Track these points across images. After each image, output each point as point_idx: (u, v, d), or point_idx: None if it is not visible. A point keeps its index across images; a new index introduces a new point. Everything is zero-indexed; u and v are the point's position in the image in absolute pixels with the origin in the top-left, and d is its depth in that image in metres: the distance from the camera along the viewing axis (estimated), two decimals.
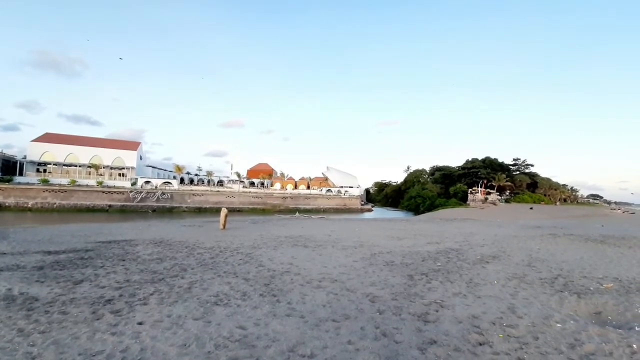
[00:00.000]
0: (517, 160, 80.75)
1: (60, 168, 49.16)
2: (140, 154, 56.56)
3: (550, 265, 8.58)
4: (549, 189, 74.10)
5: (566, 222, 29.65)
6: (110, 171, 51.80)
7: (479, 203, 56.31)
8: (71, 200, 42.42)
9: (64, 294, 5.31)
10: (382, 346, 3.73)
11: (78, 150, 50.55)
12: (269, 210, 49.59)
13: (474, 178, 67.90)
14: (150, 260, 8.23)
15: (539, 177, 76.63)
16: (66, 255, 8.75)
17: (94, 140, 56.54)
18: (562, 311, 5.07)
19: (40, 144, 49.36)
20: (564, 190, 78.04)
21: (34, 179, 44.78)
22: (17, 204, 39.48)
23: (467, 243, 12.84)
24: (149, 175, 55.17)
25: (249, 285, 6.08)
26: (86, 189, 44.37)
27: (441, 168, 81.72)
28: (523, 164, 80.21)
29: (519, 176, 74.76)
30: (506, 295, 5.83)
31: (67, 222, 24.43)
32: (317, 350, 3.57)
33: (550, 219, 34.74)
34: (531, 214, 42.23)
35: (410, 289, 6.09)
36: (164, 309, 4.70)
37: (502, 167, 74.25)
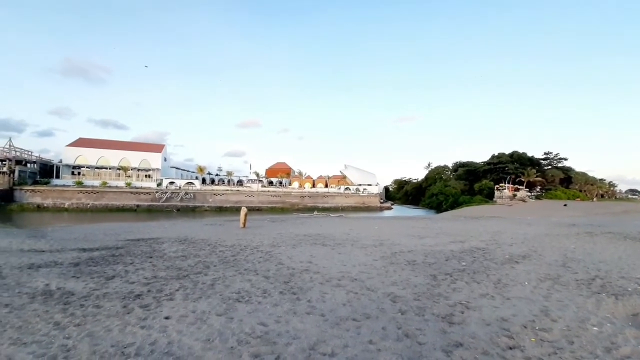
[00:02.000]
0: (548, 154, 76.35)
1: (93, 170, 52.30)
2: (164, 156, 59.02)
3: (587, 266, 8.02)
4: (585, 184, 69.38)
5: (603, 219, 27.63)
6: (138, 173, 54.43)
7: (506, 200, 53.74)
8: (103, 200, 45.04)
9: (97, 288, 5.62)
10: (405, 347, 3.63)
11: (108, 153, 53.54)
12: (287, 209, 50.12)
13: (501, 174, 64.91)
14: (175, 258, 8.54)
15: (573, 171, 71.88)
16: (99, 253, 9.27)
17: (122, 143, 59.68)
18: (598, 314, 4.75)
19: (75, 148, 52.74)
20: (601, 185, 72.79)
21: (69, 181, 47.96)
22: (55, 204, 42.45)
23: (494, 242, 12.28)
24: (173, 176, 57.47)
25: (269, 283, 6.14)
26: (116, 190, 46.94)
27: (465, 164, 78.85)
28: (555, 157, 75.65)
29: (551, 171, 70.52)
30: (539, 297, 5.50)
31: (99, 221, 25.95)
32: (337, 349, 3.53)
33: (586, 216, 32.54)
34: (565, 211, 39.77)
35: (433, 289, 5.90)
36: (188, 305, 4.85)
37: (531, 162, 70.37)
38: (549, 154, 76.30)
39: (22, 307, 4.62)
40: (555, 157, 75.78)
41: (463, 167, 76.57)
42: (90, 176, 51.15)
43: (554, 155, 75.95)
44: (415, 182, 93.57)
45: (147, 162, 55.07)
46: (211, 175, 68.34)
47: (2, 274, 6.48)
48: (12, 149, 44.88)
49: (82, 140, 55.71)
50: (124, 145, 58.61)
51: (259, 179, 65.68)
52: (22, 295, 5.15)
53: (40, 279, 6.21)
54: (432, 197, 66.88)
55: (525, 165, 66.71)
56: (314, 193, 61.00)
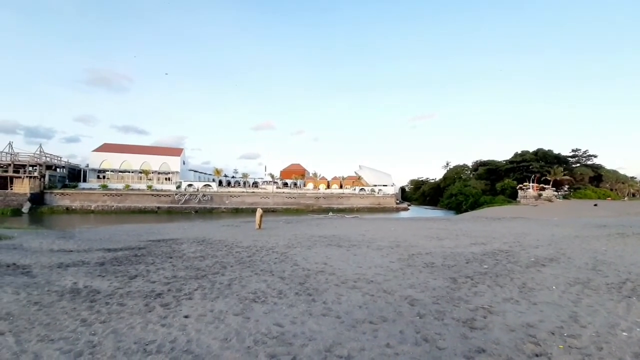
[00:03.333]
0: (576, 151, 72.51)
1: (116, 174, 54.71)
2: (183, 159, 60.89)
3: (618, 269, 7.52)
4: (616, 183, 65.48)
5: (636, 219, 25.87)
6: (158, 176, 56.44)
7: (531, 200, 51.49)
8: (126, 203, 47.01)
9: (121, 287, 5.84)
10: (424, 352, 3.52)
11: (130, 157, 55.88)
12: (302, 210, 50.33)
13: (525, 172, 62.30)
14: (194, 258, 8.76)
15: (603, 169, 67.95)
16: (123, 253, 9.66)
17: (144, 148, 62.15)
18: (629, 318, 4.45)
19: (100, 153, 55.45)
20: (633, 183, 68.45)
21: (95, 184, 50.44)
22: (82, 207, 44.74)
23: (518, 244, 11.77)
24: (191, 178, 59.17)
25: (285, 284, 6.16)
26: (138, 193, 48.88)
27: (485, 163, 76.31)
28: (584, 155, 71.77)
29: (580, 169, 66.97)
30: (567, 303, 5.20)
31: (122, 222, 27.05)
32: (354, 352, 3.48)
33: (617, 216, 30.63)
34: (595, 211, 37.63)
35: (453, 293, 5.71)
36: (207, 304, 4.94)
37: (558, 160, 67.05)
38: (577, 151, 72.55)
39: (51, 305, 4.86)
40: (584, 154, 71.98)
41: (484, 166, 74.11)
42: (114, 180, 53.58)
43: (583, 152, 72.20)
44: (432, 182, 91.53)
45: (166, 165, 57.04)
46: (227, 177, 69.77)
47: (32, 273, 6.86)
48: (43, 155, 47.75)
49: (107, 146, 58.50)
50: (145, 149, 61.01)
51: (274, 180, 66.40)
52: (52, 293, 5.42)
53: (68, 277, 6.52)
54: (451, 198, 65.14)
55: (551, 164, 63.67)
56: (329, 194, 60.94)
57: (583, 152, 72.14)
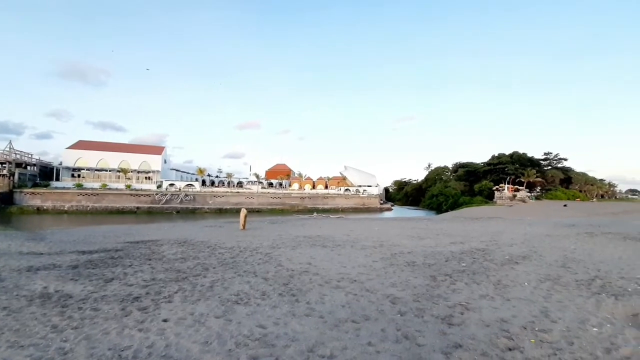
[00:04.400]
0: (548, 154, 76.38)
1: (93, 173, 52.34)
2: (164, 158, 59.05)
3: (587, 266, 8.00)
4: (585, 185, 69.43)
5: (603, 219, 27.60)
6: (138, 175, 54.44)
7: (506, 200, 53.71)
8: (102, 203, 45.01)
9: (95, 291, 5.60)
10: (404, 349, 3.61)
11: (108, 155, 53.59)
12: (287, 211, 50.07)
13: (501, 174, 64.93)
14: (174, 260, 8.52)
15: (573, 172, 71.93)
16: (98, 255, 9.26)
17: (122, 145, 59.78)
18: (598, 314, 4.73)
19: (74, 150, 52.82)
20: (601, 185, 72.82)
21: (69, 183, 47.99)
22: (55, 207, 42.42)
23: (494, 243, 12.26)
24: (173, 178, 57.50)
25: (268, 285, 6.12)
26: (116, 192, 46.90)
27: (465, 165, 78.87)
28: (555, 158, 75.71)
29: (551, 171, 70.55)
30: (538, 298, 5.48)
31: (99, 223, 25.93)
32: (336, 351, 3.52)
33: (586, 216, 32.50)
34: (565, 211, 39.73)
35: (433, 291, 5.88)
36: (187, 307, 4.83)
37: (531, 162, 70.38)
38: (549, 155, 76.42)
39: (20, 310, 4.60)
40: (555, 157, 75.90)
41: (463, 168, 76.59)
42: (90, 178, 51.19)
43: (554, 155, 76.10)
44: (415, 183, 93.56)
45: (147, 164, 55.12)
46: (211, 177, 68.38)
47: (0, 277, 6.46)
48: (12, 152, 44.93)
49: (82, 143, 55.83)
50: (124, 147, 58.70)
51: (258, 180, 65.68)
52: (20, 298, 5.13)
53: (38, 281, 6.19)
54: (432, 198, 66.83)
55: (525, 166, 66.73)
56: (314, 194, 60.97)
57: (554, 155, 76.15)
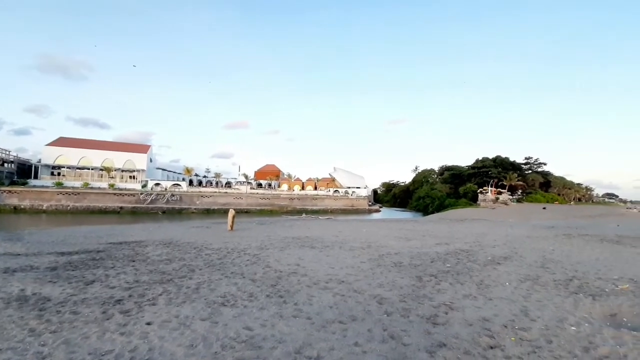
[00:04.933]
0: (529, 159, 79.11)
1: (74, 171, 50.49)
2: (150, 157, 57.63)
3: (565, 267, 8.34)
4: (563, 188, 72.27)
5: (581, 222, 28.81)
6: (122, 174, 52.92)
7: (489, 203, 55.27)
8: (84, 202, 43.47)
9: (75, 294, 5.41)
10: (390, 349, 3.67)
11: (90, 153, 51.84)
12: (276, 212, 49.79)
13: (485, 178, 66.76)
14: (159, 261, 8.33)
15: (552, 176, 74.78)
16: (78, 256, 8.94)
17: (106, 143, 57.93)
18: (576, 314, 4.91)
19: (54, 147, 50.80)
20: (579, 189, 75.98)
21: (49, 182, 46.11)
22: (32, 206, 40.67)
23: (477, 244, 12.59)
24: (159, 177, 56.17)
25: (256, 286, 6.08)
26: (98, 192, 45.42)
27: (450, 168, 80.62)
28: (535, 162, 78.51)
29: (532, 175, 73.13)
30: (519, 298, 5.67)
31: (80, 223, 25.02)
32: (323, 352, 3.53)
33: (564, 218, 33.82)
34: (544, 213, 41.20)
35: (418, 291, 5.99)
36: (172, 310, 4.74)
37: (513, 166, 72.73)
38: (530, 159, 79.15)
39: None
40: (536, 162, 78.69)
41: (449, 171, 78.30)
42: (71, 177, 49.39)
43: (534, 160, 78.90)
44: (403, 185, 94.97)
45: (131, 162, 53.64)
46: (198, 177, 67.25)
47: None
48: None
49: (63, 140, 53.78)
50: (108, 145, 56.93)
51: (247, 181, 65.07)
52: None
53: (15, 283, 5.93)
54: (419, 200, 67.97)
55: (508, 170, 68.88)
56: (303, 195, 60.90)
57: (535, 160, 78.99)
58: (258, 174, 74.84)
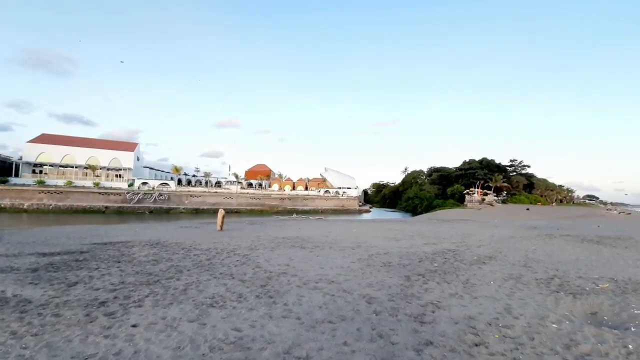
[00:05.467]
0: (513, 161, 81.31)
1: (57, 169, 48.89)
2: (137, 155, 56.40)
3: (547, 266, 8.61)
4: (545, 190, 74.48)
5: (562, 222, 29.78)
6: (107, 172, 51.58)
7: (476, 204, 56.45)
8: (67, 201, 42.14)
9: (57, 296, 5.26)
10: (378, 347, 3.72)
11: (74, 151, 50.32)
12: (266, 212, 49.49)
13: (471, 179, 68.16)
14: (146, 262, 8.17)
15: (535, 178, 77.00)
16: (61, 257, 8.67)
17: (91, 141, 56.32)
18: (557, 311, 5.06)
19: (36, 145, 49.08)
20: (560, 191, 78.44)
21: (30, 180, 44.48)
22: (13, 205, 39.17)
23: (464, 244, 12.85)
24: (146, 176, 54.97)
25: (246, 287, 6.04)
26: (82, 190, 44.12)
27: (438, 169, 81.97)
28: (520, 165, 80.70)
29: (516, 177, 75.12)
30: (502, 296, 5.83)
31: (62, 223, 24.25)
32: (312, 352, 3.55)
33: (546, 219, 34.89)
34: (528, 214, 42.37)
35: (407, 290, 6.08)
36: (158, 311, 4.66)
37: (499, 168, 74.59)
38: (514, 161, 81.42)
39: None
40: (520, 164, 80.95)
41: (437, 172, 79.61)
42: (54, 175, 47.82)
43: (519, 162, 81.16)
44: (392, 186, 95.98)
45: (117, 161, 52.36)
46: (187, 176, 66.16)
47: None
48: None
49: (46, 137, 51.98)
50: (93, 142, 55.37)
51: (238, 180, 64.40)
52: None
53: None
54: (408, 201, 68.82)
55: (493, 171, 70.60)
56: (294, 196, 60.76)
57: (519, 162, 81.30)
58: (249, 174, 74.20)
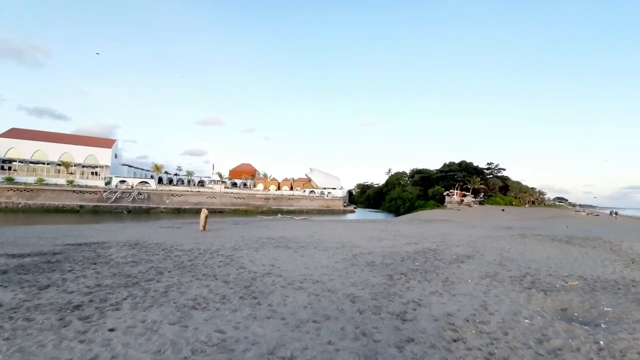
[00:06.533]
0: (490, 164, 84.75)
1: (27, 166, 46.16)
2: (115, 152, 54.14)
3: (520, 264, 9.03)
4: (519, 192, 78.08)
5: (534, 223, 31.29)
6: (82, 169, 49.20)
7: (455, 205, 58.27)
8: (38, 200, 39.89)
9: (28, 299, 4.99)
10: (362, 345, 3.79)
11: (47, 146, 47.66)
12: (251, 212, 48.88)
13: (451, 181, 70.33)
14: (124, 264, 7.89)
15: (510, 180, 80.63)
16: (31, 259, 8.22)
17: (65, 136, 53.51)
18: (530, 307, 5.31)
19: (5, 139, 46.12)
20: (533, 193, 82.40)
21: None
22: None
23: (443, 243, 13.26)
24: (125, 174, 52.89)
25: (229, 288, 5.97)
26: (55, 188, 41.88)
27: (420, 171, 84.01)
28: (496, 168, 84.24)
29: (492, 179, 78.29)
30: (479, 293, 6.08)
31: (33, 223, 22.94)
32: (297, 352, 3.57)
33: (519, 220, 36.54)
34: (503, 215, 44.19)
35: (389, 289, 6.22)
36: (137, 314, 4.53)
37: (476, 171, 77.45)
38: (491, 164, 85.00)
39: None
40: (496, 167, 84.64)
41: (419, 174, 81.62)
42: (24, 172, 45.09)
43: (495, 165, 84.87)
44: (376, 186, 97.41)
45: (94, 157, 50.04)
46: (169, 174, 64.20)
47: None
48: None
49: (15, 131, 48.90)
50: (67, 138, 52.61)
51: (222, 180, 63.21)
52: None
53: None
54: (392, 202, 70.09)
55: (472, 174, 73.25)
56: (279, 196, 60.37)
57: (495, 165, 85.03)
58: (233, 173, 72.97)
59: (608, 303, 5.65)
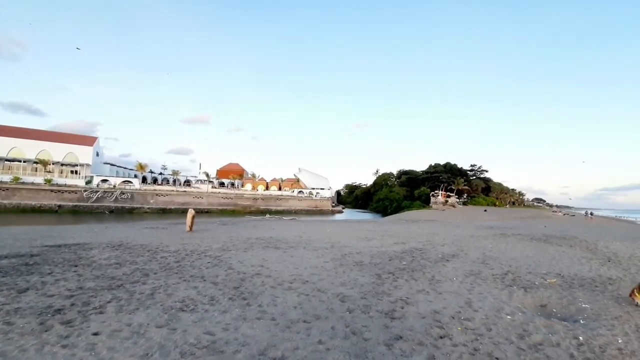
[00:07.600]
0: (474, 166, 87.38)
1: (2, 163, 43.92)
2: (97, 150, 52.31)
3: (501, 263, 9.36)
4: (500, 193, 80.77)
5: (514, 222, 32.44)
6: (61, 168, 47.27)
7: (440, 205, 59.65)
8: (13, 199, 38.01)
9: (7, 303, 4.77)
10: (352, 344, 3.85)
11: (23, 143, 45.49)
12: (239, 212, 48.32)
13: (436, 182, 71.99)
14: (107, 266, 7.65)
15: (492, 182, 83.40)
16: (8, 261, 7.84)
17: (43, 133, 51.21)
18: (511, 304, 5.53)
19: None
20: (513, 194, 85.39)
21: None
22: None
23: (429, 243, 13.55)
24: (107, 173, 51.18)
25: (218, 289, 5.91)
26: (31, 187, 40.02)
27: (407, 172, 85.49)
28: (479, 169, 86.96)
29: (475, 181, 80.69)
30: (464, 291, 6.27)
31: (8, 223, 21.84)
32: (287, 352, 3.59)
33: (501, 220, 37.79)
34: (485, 215, 45.58)
35: (378, 288, 6.32)
36: (123, 318, 4.42)
37: (460, 172, 79.67)
38: (475, 166, 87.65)
39: None
40: (479, 169, 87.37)
41: (406, 175, 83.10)
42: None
43: (478, 167, 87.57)
44: (364, 187, 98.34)
45: (74, 155, 48.16)
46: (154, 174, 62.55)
47: None
48: None
49: None
50: (45, 135, 50.36)
51: (209, 179, 62.11)
52: None
53: None
54: (379, 202, 70.94)
55: (456, 175, 75.29)
56: (267, 196, 59.95)
57: (478, 167, 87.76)
58: (220, 173, 71.83)
59: (586, 300, 5.92)
